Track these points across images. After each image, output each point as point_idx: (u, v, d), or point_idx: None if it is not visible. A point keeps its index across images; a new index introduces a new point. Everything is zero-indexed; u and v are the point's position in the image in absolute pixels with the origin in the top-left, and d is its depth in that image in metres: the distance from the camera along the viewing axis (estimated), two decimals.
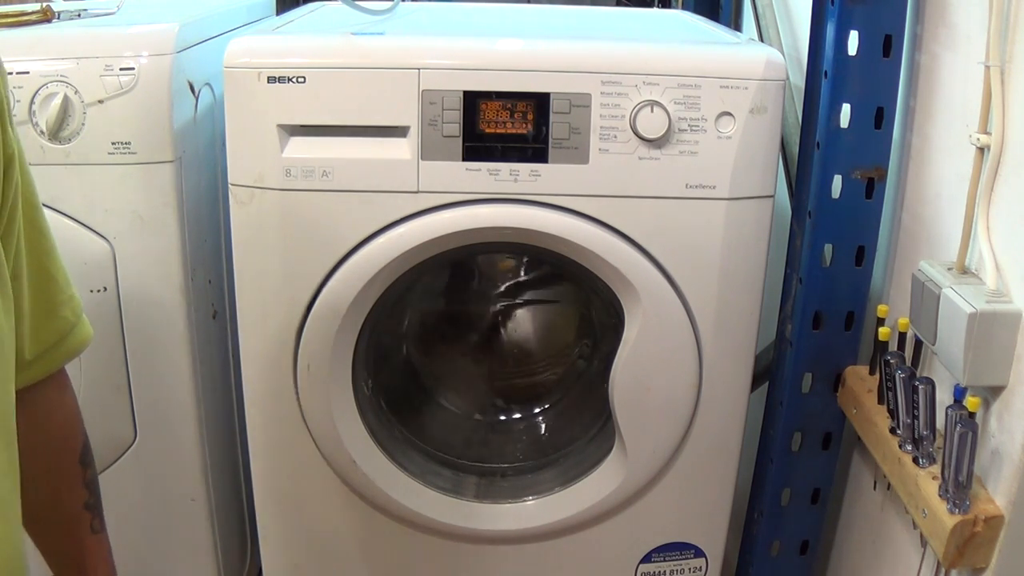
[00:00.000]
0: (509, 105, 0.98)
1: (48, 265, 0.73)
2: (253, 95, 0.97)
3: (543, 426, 1.34)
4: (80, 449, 0.82)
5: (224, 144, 1.01)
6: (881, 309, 1.01)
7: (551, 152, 0.99)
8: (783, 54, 1.09)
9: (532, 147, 0.99)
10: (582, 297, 1.32)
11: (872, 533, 1.12)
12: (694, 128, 0.99)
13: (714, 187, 1.01)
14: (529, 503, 1.17)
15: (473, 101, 0.98)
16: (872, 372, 1.04)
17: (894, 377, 0.92)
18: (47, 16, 1.16)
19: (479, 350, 1.38)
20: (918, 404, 0.89)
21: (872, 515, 1.12)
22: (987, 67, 0.82)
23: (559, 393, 1.36)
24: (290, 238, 1.02)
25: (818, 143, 1.02)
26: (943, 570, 0.90)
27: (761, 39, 1.39)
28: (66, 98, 1.05)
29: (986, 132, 0.84)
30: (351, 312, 1.03)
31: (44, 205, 0.73)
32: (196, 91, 1.14)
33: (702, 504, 1.18)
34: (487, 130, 0.98)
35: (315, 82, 0.97)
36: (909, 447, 0.91)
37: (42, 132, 1.05)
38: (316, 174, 1.00)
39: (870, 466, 1.10)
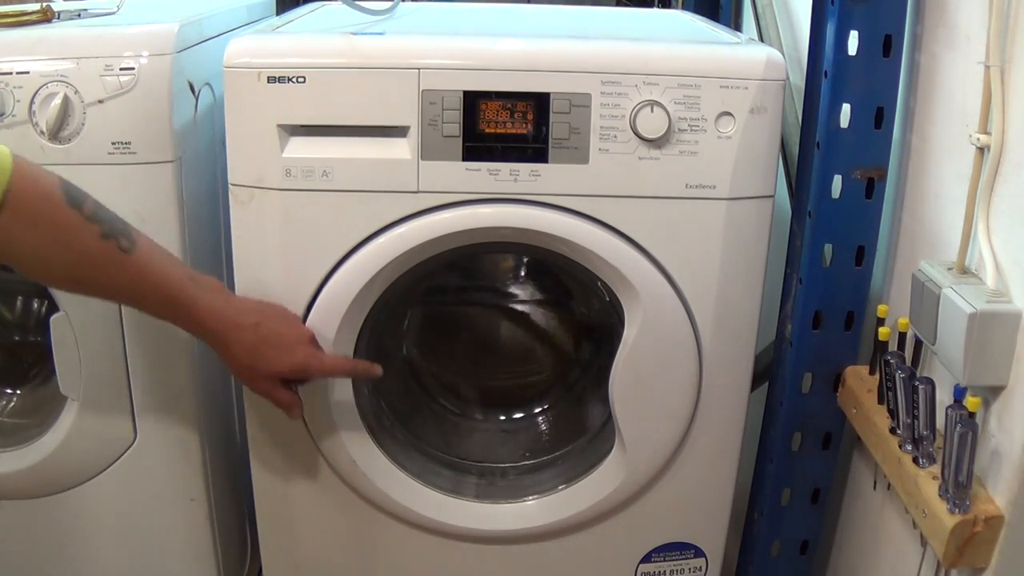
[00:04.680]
0: (509, 105, 0.98)
1: None
2: (253, 95, 0.97)
3: (543, 426, 1.34)
4: (60, 195, 0.84)
5: (224, 144, 1.01)
6: (881, 309, 1.01)
7: (551, 152, 0.99)
8: (783, 54, 1.09)
9: (532, 147, 0.99)
10: (582, 297, 1.32)
11: (872, 533, 1.12)
12: (694, 128, 0.99)
13: (714, 187, 1.01)
14: (529, 503, 1.17)
15: (473, 101, 0.98)
16: (872, 372, 1.05)
17: (894, 377, 0.92)
18: (47, 16, 1.16)
19: (479, 350, 1.39)
20: (918, 404, 0.89)
21: (872, 515, 1.12)
22: (987, 67, 0.82)
23: (559, 393, 1.36)
24: (290, 238, 1.02)
25: (818, 143, 1.02)
26: (943, 570, 0.90)
27: (761, 39, 1.40)
28: (66, 98, 1.05)
29: (986, 132, 0.84)
30: (351, 312, 1.03)
31: None
32: (196, 91, 1.14)
33: (702, 504, 1.18)
34: (487, 130, 0.98)
35: (315, 82, 0.97)
36: (909, 447, 0.91)
37: (42, 132, 1.05)
38: (316, 174, 1.00)
39: (870, 466, 1.10)
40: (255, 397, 1.04)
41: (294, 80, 0.97)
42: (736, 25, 1.59)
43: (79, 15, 1.20)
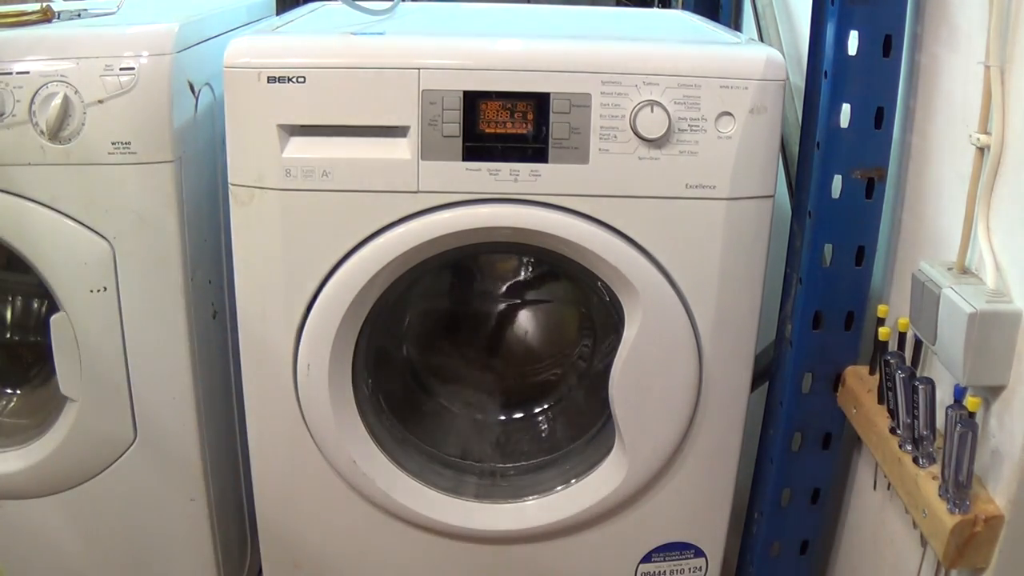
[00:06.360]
0: (509, 105, 0.98)
1: None
2: (253, 95, 0.98)
3: (543, 426, 1.34)
4: None
5: (224, 144, 1.01)
6: (881, 309, 1.01)
7: (551, 152, 0.99)
8: (783, 54, 1.09)
9: (532, 147, 0.99)
10: (582, 297, 1.32)
11: (872, 533, 1.12)
12: (694, 128, 0.99)
13: (714, 187, 1.01)
14: (529, 503, 1.17)
15: (473, 101, 0.98)
16: (872, 372, 1.05)
17: (894, 377, 0.92)
18: (47, 16, 1.16)
19: (479, 350, 1.38)
20: (918, 404, 0.89)
21: (872, 515, 1.12)
22: (987, 67, 0.82)
23: (559, 393, 1.36)
24: (290, 238, 1.02)
25: (818, 143, 1.02)
26: (943, 570, 0.90)
27: (761, 39, 1.39)
28: (66, 98, 1.05)
29: (986, 132, 0.84)
30: (351, 312, 1.03)
31: (44, 205, 0.73)
32: (196, 91, 1.14)
33: (702, 504, 1.18)
34: (487, 130, 0.98)
35: (315, 82, 0.97)
36: (909, 447, 0.91)
37: (42, 132, 1.05)
38: (316, 174, 1.00)
39: (870, 466, 1.10)
40: (255, 396, 1.04)
41: (294, 80, 0.97)
42: (736, 25, 1.59)
43: (79, 15, 1.20)
